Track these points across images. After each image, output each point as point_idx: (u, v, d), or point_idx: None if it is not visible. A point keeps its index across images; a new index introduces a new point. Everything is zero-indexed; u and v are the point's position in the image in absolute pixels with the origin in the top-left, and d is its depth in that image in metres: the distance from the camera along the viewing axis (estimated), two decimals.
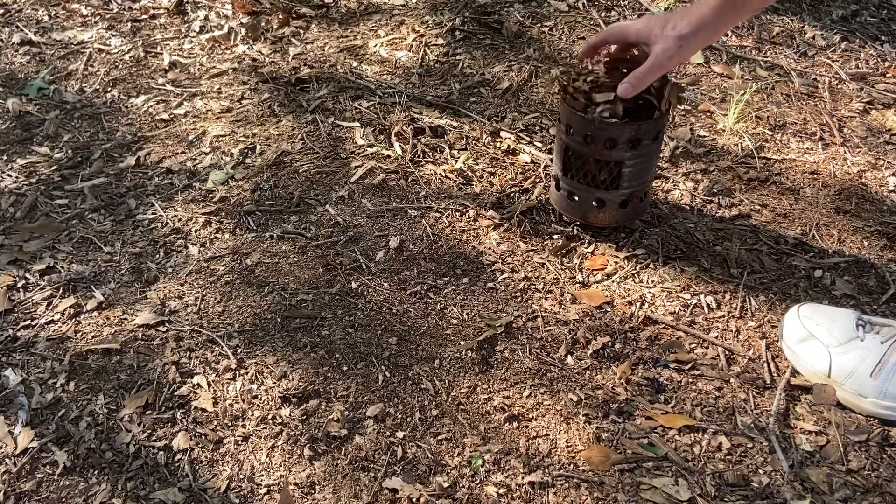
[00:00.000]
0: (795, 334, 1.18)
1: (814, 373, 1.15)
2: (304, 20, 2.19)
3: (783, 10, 2.17)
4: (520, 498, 1.03)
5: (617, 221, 1.43)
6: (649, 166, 1.35)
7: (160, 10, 2.26)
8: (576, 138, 1.32)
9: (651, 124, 1.27)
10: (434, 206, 1.53)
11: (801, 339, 1.17)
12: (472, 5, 2.17)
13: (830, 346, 1.14)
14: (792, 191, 1.56)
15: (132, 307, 1.34)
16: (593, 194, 1.37)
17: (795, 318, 1.19)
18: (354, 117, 1.79)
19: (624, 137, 1.27)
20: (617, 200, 1.37)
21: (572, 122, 1.32)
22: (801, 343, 1.17)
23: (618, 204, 1.37)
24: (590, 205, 1.39)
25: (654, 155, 1.34)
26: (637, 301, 1.32)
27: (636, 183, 1.35)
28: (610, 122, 1.27)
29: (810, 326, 1.17)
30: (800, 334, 1.17)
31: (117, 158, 1.71)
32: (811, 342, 1.16)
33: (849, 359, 1.11)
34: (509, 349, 1.24)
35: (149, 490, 1.06)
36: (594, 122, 1.28)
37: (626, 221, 1.44)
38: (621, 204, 1.38)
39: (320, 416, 1.15)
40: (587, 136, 1.30)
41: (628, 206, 1.39)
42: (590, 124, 1.28)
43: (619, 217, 1.41)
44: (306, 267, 1.40)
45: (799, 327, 1.18)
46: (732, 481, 1.04)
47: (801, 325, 1.18)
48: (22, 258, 1.44)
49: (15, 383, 1.21)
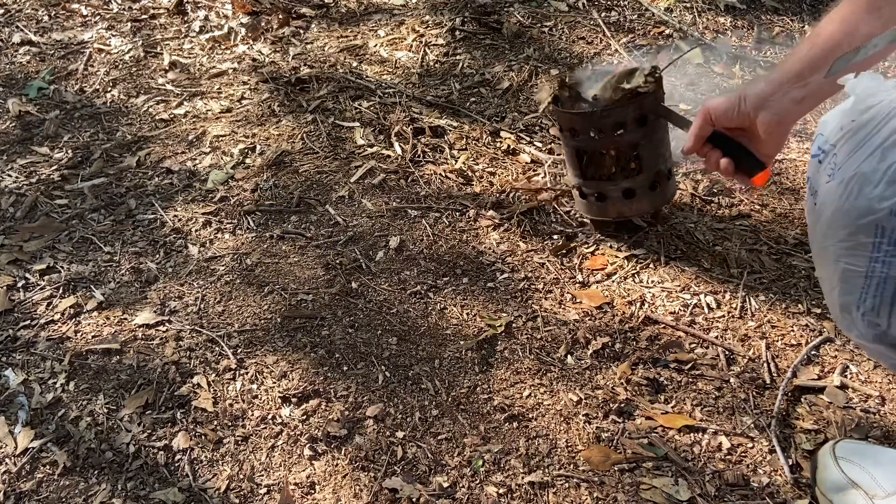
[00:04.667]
0: (832, 481, 0.98)
1: None
2: (304, 20, 2.19)
3: (783, 10, 2.17)
4: (520, 498, 1.03)
5: (653, 206, 1.40)
6: (664, 140, 1.33)
7: (160, 10, 2.26)
8: (584, 138, 1.32)
9: (650, 98, 1.26)
10: (434, 206, 1.53)
11: (839, 487, 0.96)
12: (472, 5, 2.17)
13: (876, 497, 0.94)
14: (792, 191, 1.55)
15: (132, 307, 1.34)
16: (620, 186, 1.35)
17: (831, 461, 0.99)
18: (354, 117, 1.78)
19: (630, 117, 1.26)
20: (645, 185, 1.35)
21: (575, 124, 1.32)
22: (838, 493, 0.96)
23: (647, 188, 1.35)
24: (620, 199, 1.36)
25: (664, 129, 1.32)
26: (637, 301, 1.32)
27: (657, 161, 1.33)
28: (611, 106, 1.27)
29: (851, 472, 0.96)
30: (837, 481, 0.97)
31: (117, 158, 1.71)
32: (851, 493, 0.95)
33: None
34: (509, 349, 1.24)
35: (149, 490, 1.06)
36: (597, 113, 1.27)
37: (663, 202, 1.41)
38: (650, 187, 1.35)
39: (320, 416, 1.15)
40: (594, 129, 1.29)
41: (658, 188, 1.36)
42: (594, 116, 1.28)
43: (654, 200, 1.38)
44: (306, 267, 1.40)
45: (836, 473, 0.98)
46: (732, 481, 1.04)
47: (839, 471, 0.97)
48: (22, 258, 1.44)
49: (15, 383, 1.21)
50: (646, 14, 2.12)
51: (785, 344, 1.24)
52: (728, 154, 0.99)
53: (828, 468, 0.99)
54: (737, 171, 0.99)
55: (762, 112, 0.92)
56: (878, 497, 0.93)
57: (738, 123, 0.96)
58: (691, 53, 1.96)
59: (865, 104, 0.76)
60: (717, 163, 1.00)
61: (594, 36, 2.03)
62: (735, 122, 0.96)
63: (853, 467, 0.97)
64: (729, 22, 2.10)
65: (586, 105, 1.32)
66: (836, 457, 0.99)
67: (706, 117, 0.99)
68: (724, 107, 0.96)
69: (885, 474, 0.94)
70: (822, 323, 1.26)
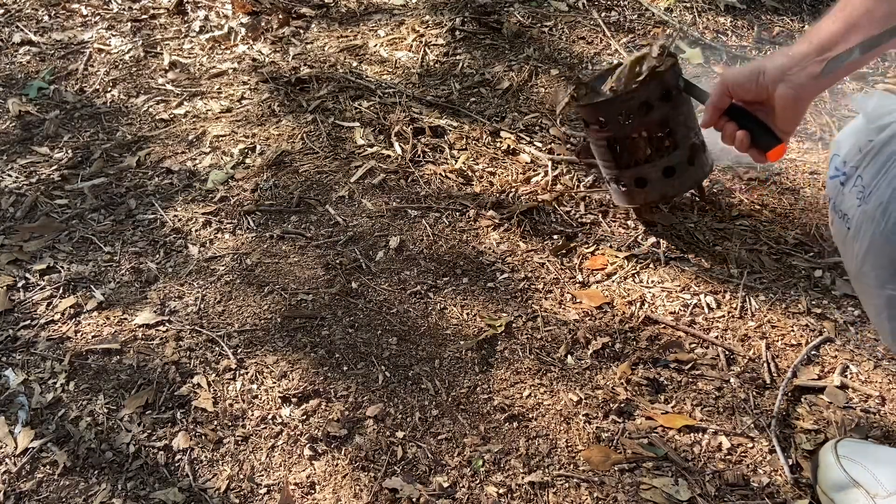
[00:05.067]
0: (833, 479, 0.97)
1: None
2: (304, 20, 2.19)
3: (783, 10, 2.17)
4: (520, 498, 1.03)
5: (696, 181, 1.38)
6: (691, 112, 1.32)
7: (160, 10, 2.26)
8: (613, 126, 1.30)
9: (670, 72, 1.25)
10: (434, 206, 1.53)
11: (841, 486, 0.96)
12: (472, 5, 2.17)
13: (878, 496, 0.94)
14: (792, 191, 1.56)
15: (132, 307, 1.34)
16: (658, 166, 1.33)
17: (833, 460, 0.99)
18: (354, 117, 1.78)
19: (655, 94, 1.26)
20: (683, 160, 1.33)
21: (601, 114, 1.30)
22: (840, 492, 0.96)
23: (686, 163, 1.34)
24: (661, 179, 1.35)
25: (689, 101, 1.31)
26: (637, 301, 1.32)
27: (689, 134, 1.32)
28: (633, 88, 1.26)
29: (853, 471, 0.96)
30: (839, 480, 0.97)
31: (117, 158, 1.71)
32: (853, 492, 0.95)
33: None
34: (509, 349, 1.24)
35: (149, 490, 1.06)
36: (622, 96, 1.26)
37: (703, 175, 1.39)
38: (689, 162, 1.34)
39: (320, 416, 1.15)
40: (622, 114, 1.28)
41: (695, 161, 1.35)
42: (618, 101, 1.27)
43: (696, 175, 1.36)
44: (306, 267, 1.40)
45: (838, 471, 0.97)
46: (732, 481, 1.04)
47: (841, 470, 0.97)
48: (22, 258, 1.44)
49: (15, 383, 1.21)
50: (646, 14, 2.12)
51: (785, 344, 1.24)
52: (744, 127, 0.98)
53: (829, 467, 0.99)
54: (752, 145, 0.99)
55: (780, 85, 0.90)
56: (880, 496, 0.93)
57: (756, 97, 0.95)
58: (691, 53, 1.96)
59: (879, 123, 0.75)
60: (732, 136, 0.99)
61: (594, 36, 2.03)
62: (753, 94, 0.95)
63: (855, 466, 0.96)
64: (729, 22, 2.10)
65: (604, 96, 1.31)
66: (838, 455, 0.99)
67: (724, 89, 0.98)
68: (743, 79, 0.95)
69: (886, 473, 0.94)
70: (822, 323, 1.26)
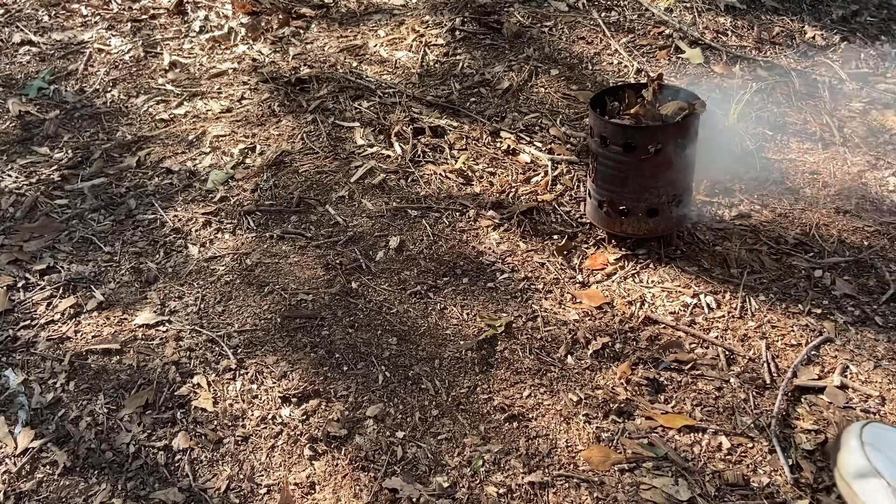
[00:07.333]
0: (854, 466, 0.94)
1: None
2: (304, 20, 2.19)
3: (783, 10, 2.17)
4: (520, 498, 1.03)
5: (675, 226, 1.41)
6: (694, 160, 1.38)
7: (160, 10, 2.26)
8: (668, 150, 1.30)
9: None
10: (434, 207, 1.53)
11: (862, 473, 0.93)
12: (472, 5, 2.17)
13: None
14: (792, 191, 1.56)
15: (132, 307, 1.34)
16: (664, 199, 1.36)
17: (857, 444, 0.95)
18: (354, 117, 1.79)
19: (696, 130, 1.32)
20: (672, 202, 1.37)
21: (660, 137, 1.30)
22: (860, 479, 0.93)
23: (673, 204, 1.38)
24: (645, 218, 1.36)
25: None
26: (637, 301, 1.32)
27: (689, 179, 1.38)
28: (685, 116, 1.31)
29: (876, 460, 0.92)
30: (860, 467, 0.93)
31: (117, 158, 1.71)
32: (873, 481, 0.91)
33: None
34: (509, 349, 1.24)
35: (149, 490, 1.06)
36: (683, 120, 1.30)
37: (682, 223, 1.43)
38: (675, 203, 1.37)
39: (320, 416, 1.15)
40: (674, 141, 1.30)
41: (681, 205, 1.39)
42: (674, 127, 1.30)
43: (677, 220, 1.40)
44: (306, 267, 1.40)
45: (860, 458, 0.94)
46: (732, 481, 1.04)
47: (864, 456, 0.93)
48: (22, 258, 1.45)
49: (15, 383, 1.21)
50: (646, 14, 2.12)
51: (785, 344, 1.24)
52: None
53: (852, 452, 0.95)
54: None
55: None
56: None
57: None
58: (691, 53, 1.96)
59: None
60: None
61: (594, 36, 2.03)
62: None
63: (879, 455, 0.93)
64: (729, 22, 2.10)
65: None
66: (864, 442, 0.95)
67: None
68: None
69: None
70: (822, 323, 1.26)
